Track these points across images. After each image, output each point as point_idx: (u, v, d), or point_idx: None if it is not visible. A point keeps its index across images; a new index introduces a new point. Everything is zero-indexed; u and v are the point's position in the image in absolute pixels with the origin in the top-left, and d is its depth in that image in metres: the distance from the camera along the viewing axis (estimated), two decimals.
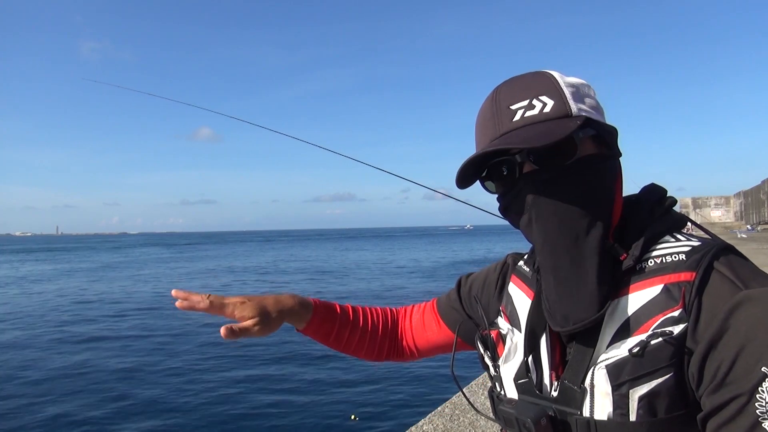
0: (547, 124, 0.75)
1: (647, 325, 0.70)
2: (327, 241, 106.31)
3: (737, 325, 0.64)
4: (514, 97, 0.79)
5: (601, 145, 0.80)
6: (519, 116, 0.77)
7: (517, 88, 0.80)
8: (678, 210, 0.84)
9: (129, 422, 7.54)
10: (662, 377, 0.68)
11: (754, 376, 0.61)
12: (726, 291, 0.67)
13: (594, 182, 0.77)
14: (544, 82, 0.79)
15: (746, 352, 0.62)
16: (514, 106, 0.78)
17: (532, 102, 0.77)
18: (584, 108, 0.78)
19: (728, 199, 51.39)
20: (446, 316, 1.11)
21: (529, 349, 0.83)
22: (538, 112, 0.76)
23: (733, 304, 0.65)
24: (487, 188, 0.85)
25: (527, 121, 0.76)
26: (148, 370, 10.25)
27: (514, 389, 0.83)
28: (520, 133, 0.76)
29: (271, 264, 41.92)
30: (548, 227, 0.77)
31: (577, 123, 0.75)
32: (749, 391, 0.61)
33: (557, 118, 0.76)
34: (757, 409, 0.61)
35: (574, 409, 0.73)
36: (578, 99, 0.79)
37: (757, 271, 0.71)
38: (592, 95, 0.82)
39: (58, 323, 15.79)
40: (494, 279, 1.02)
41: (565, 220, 0.76)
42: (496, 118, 0.79)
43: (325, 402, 8.20)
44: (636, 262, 0.74)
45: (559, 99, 0.77)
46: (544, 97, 0.77)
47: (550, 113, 0.76)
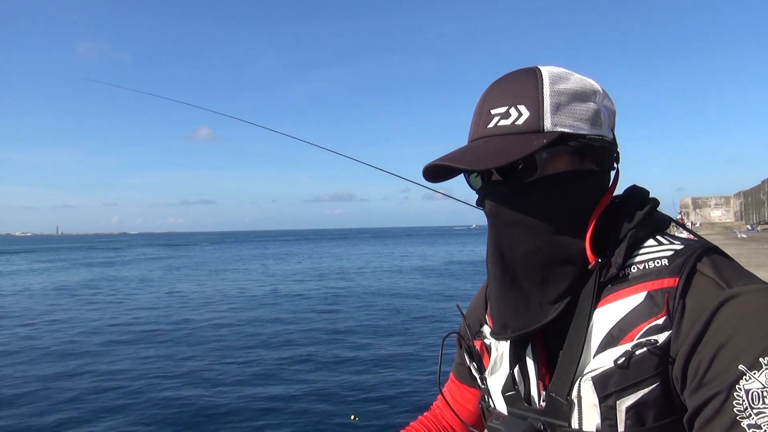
0: (512, 138, 0.75)
1: (632, 335, 0.69)
2: (360, 241, 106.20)
3: (718, 324, 0.64)
4: (496, 101, 0.78)
5: (584, 158, 0.79)
6: (493, 123, 0.77)
7: (502, 91, 0.79)
8: (678, 209, 0.84)
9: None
10: (649, 387, 0.67)
11: (732, 373, 0.61)
12: (710, 292, 0.67)
13: (561, 199, 0.76)
14: (528, 88, 0.77)
15: (725, 350, 0.62)
16: (494, 111, 0.78)
17: (509, 110, 0.76)
18: (566, 122, 0.76)
19: (728, 199, 51.35)
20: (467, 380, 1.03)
21: (515, 360, 0.82)
22: (510, 123, 0.76)
23: (716, 305, 0.65)
24: (471, 183, 0.85)
25: (497, 131, 0.76)
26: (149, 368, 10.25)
27: (503, 402, 0.83)
28: (483, 145, 0.76)
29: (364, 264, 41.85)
30: (500, 236, 0.78)
31: (542, 143, 0.73)
32: (727, 389, 0.61)
33: (526, 133, 0.75)
34: (734, 407, 0.60)
35: (563, 421, 0.73)
36: (561, 111, 0.76)
37: (741, 270, 0.71)
38: (595, 101, 0.79)
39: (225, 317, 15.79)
40: (481, 295, 1.02)
41: (519, 233, 0.76)
42: (478, 117, 0.80)
43: (325, 402, 8.20)
44: (619, 269, 0.74)
45: (534, 111, 0.75)
46: (522, 107, 0.76)
47: (522, 126, 0.75)
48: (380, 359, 10.69)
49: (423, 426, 1.08)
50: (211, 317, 16.35)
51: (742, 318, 0.63)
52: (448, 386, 1.11)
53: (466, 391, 1.06)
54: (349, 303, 18.91)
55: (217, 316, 16.47)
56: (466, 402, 1.06)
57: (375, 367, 10.06)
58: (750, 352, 0.61)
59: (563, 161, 0.77)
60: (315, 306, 18.35)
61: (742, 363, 0.61)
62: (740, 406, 0.60)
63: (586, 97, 0.78)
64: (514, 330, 0.77)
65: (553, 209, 0.76)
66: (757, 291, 0.65)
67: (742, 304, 0.64)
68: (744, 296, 0.65)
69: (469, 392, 1.05)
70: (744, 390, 0.60)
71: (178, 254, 62.92)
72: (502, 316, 0.79)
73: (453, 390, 1.09)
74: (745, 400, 0.60)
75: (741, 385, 0.60)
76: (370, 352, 11.31)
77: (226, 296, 21.68)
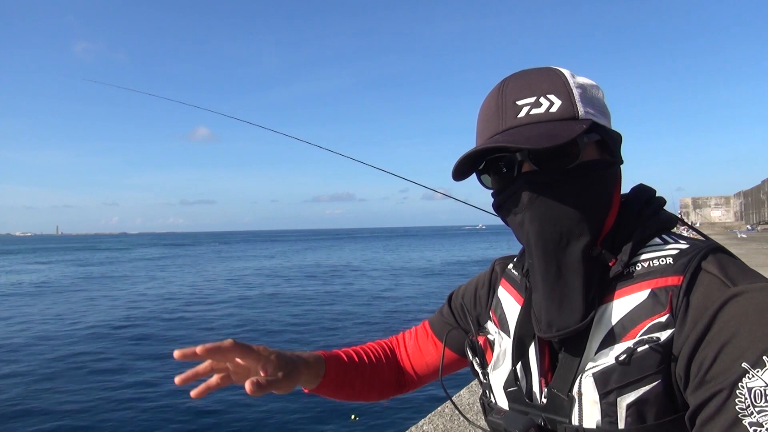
0: (552, 124, 0.73)
1: (634, 332, 0.69)
2: (358, 241, 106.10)
3: (722, 322, 0.63)
4: (521, 93, 0.76)
5: (603, 150, 0.79)
6: (524, 113, 0.75)
7: (525, 83, 0.77)
8: (678, 209, 0.84)
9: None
10: (650, 384, 0.67)
11: (735, 371, 0.60)
12: (714, 290, 0.66)
13: (594, 188, 0.75)
14: (554, 80, 0.77)
15: (728, 347, 0.62)
16: (521, 102, 0.76)
17: (539, 100, 0.75)
18: (591, 111, 0.76)
19: (728, 199, 51.29)
20: (441, 334, 1.05)
21: (518, 356, 0.82)
22: (544, 111, 0.74)
23: (721, 303, 0.65)
24: (483, 182, 0.84)
25: (532, 119, 0.74)
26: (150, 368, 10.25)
27: (504, 397, 0.83)
28: (523, 131, 0.74)
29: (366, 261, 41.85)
30: (542, 230, 0.75)
31: (583, 127, 0.73)
32: (729, 387, 0.60)
33: (563, 120, 0.74)
34: (736, 405, 0.59)
35: (563, 417, 0.73)
36: (586, 101, 0.77)
37: (746, 269, 0.70)
38: (600, 97, 0.80)
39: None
40: (484, 289, 1.00)
41: (560, 224, 0.74)
42: (501, 112, 0.77)
43: (325, 402, 8.19)
44: (624, 267, 0.74)
45: (567, 99, 0.75)
46: (552, 96, 0.75)
47: (557, 114, 0.74)
48: None
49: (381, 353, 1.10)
50: (210, 315, 16.35)
51: (747, 316, 0.62)
52: (417, 330, 1.11)
53: (432, 344, 1.07)
54: (349, 303, 18.90)
55: (216, 316, 16.46)
56: (426, 353, 1.07)
57: None
58: (753, 350, 0.60)
59: (593, 150, 0.77)
60: (315, 305, 18.33)
61: (746, 361, 0.60)
62: (742, 404, 0.59)
63: (595, 92, 0.80)
64: (560, 328, 0.74)
65: (587, 199, 0.75)
66: (762, 289, 0.65)
67: (747, 302, 0.63)
68: (749, 294, 0.64)
69: (435, 346, 1.07)
70: (747, 388, 0.59)
71: (186, 253, 62.86)
72: (547, 313, 0.75)
73: (421, 336, 1.10)
74: (748, 398, 0.59)
75: (744, 383, 0.59)
76: None
77: (227, 294, 21.67)
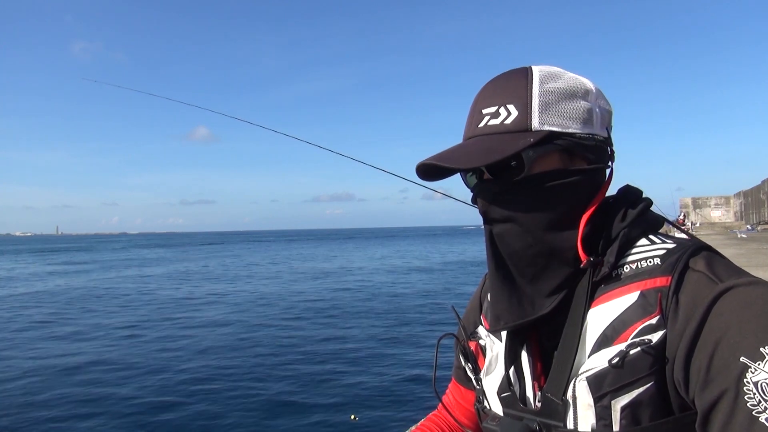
0: (499, 137, 0.76)
1: (626, 335, 0.69)
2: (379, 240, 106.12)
3: (714, 319, 0.64)
4: (487, 101, 0.80)
5: (575, 157, 0.79)
6: (483, 123, 0.79)
7: (493, 90, 0.81)
8: (678, 209, 0.84)
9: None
10: (643, 386, 0.67)
11: (735, 368, 0.60)
12: (703, 287, 0.67)
13: (550, 197, 0.77)
14: (518, 87, 0.78)
15: (723, 343, 0.62)
16: (485, 111, 0.79)
17: (498, 110, 0.78)
18: (554, 121, 0.76)
19: (728, 199, 51.24)
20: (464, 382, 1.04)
21: (510, 360, 0.83)
22: (500, 122, 0.77)
23: (710, 300, 0.65)
24: (467, 182, 0.86)
25: (487, 130, 0.78)
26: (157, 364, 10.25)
27: (498, 403, 0.83)
28: (471, 144, 0.78)
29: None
30: (492, 233, 0.80)
31: (530, 141, 0.74)
32: (735, 385, 0.60)
33: (514, 132, 0.76)
34: (747, 402, 0.59)
35: (558, 421, 0.74)
36: (551, 111, 0.76)
37: (733, 266, 0.71)
38: (587, 99, 0.80)
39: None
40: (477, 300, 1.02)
41: (509, 230, 0.78)
42: (471, 117, 0.82)
43: (325, 402, 8.20)
44: (611, 268, 0.74)
45: (523, 110, 0.76)
46: (511, 106, 0.77)
47: (510, 125, 0.76)
48: (381, 359, 10.68)
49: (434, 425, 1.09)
50: (209, 316, 16.36)
51: (738, 311, 0.62)
52: (451, 388, 1.11)
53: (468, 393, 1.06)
54: (349, 302, 18.90)
55: (216, 315, 16.47)
56: (467, 403, 1.06)
57: (375, 367, 10.05)
58: (748, 343, 0.60)
59: (552, 160, 0.78)
60: (315, 305, 18.34)
61: (743, 355, 0.60)
62: (753, 400, 0.58)
63: (577, 95, 0.79)
64: (507, 322, 0.79)
65: (543, 207, 0.77)
66: (750, 284, 0.65)
67: (737, 297, 0.64)
68: (738, 289, 0.64)
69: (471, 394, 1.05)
70: (752, 383, 0.58)
71: (192, 255, 62.87)
72: (495, 309, 0.81)
73: (455, 392, 1.09)
74: (757, 393, 0.58)
75: (748, 378, 0.59)
76: (370, 352, 11.30)
77: (228, 297, 21.68)
